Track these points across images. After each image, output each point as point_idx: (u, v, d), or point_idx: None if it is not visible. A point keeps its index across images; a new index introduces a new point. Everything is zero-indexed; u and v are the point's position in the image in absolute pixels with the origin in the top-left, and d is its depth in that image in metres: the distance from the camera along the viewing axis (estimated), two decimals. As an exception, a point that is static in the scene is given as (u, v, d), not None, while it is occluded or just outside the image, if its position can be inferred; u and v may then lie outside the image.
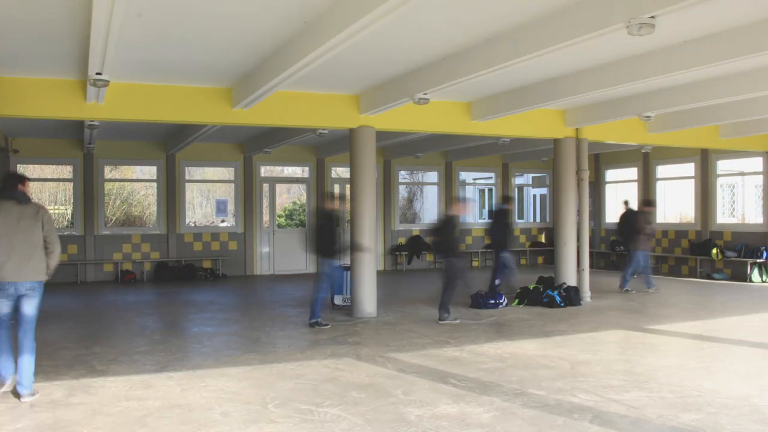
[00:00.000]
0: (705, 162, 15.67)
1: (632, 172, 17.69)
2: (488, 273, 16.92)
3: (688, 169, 16.21)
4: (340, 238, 9.21)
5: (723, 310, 10.51)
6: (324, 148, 16.68)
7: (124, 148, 15.60)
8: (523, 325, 9.17)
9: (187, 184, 16.76)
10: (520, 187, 20.87)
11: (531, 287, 11.30)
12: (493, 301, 10.64)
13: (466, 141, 14.29)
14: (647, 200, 14.03)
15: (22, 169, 14.11)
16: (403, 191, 23.13)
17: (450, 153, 18.12)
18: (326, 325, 8.96)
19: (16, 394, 5.61)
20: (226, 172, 17.50)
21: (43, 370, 6.55)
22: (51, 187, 20.73)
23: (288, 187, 23.98)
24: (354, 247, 9.64)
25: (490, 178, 20.01)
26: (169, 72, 8.46)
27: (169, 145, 15.36)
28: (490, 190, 20.49)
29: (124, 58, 7.43)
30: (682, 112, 11.32)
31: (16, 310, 5.70)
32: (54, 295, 12.22)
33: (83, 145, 14.47)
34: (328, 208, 9.25)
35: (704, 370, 6.56)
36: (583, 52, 7.41)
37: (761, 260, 14.21)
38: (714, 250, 14.93)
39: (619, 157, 17.71)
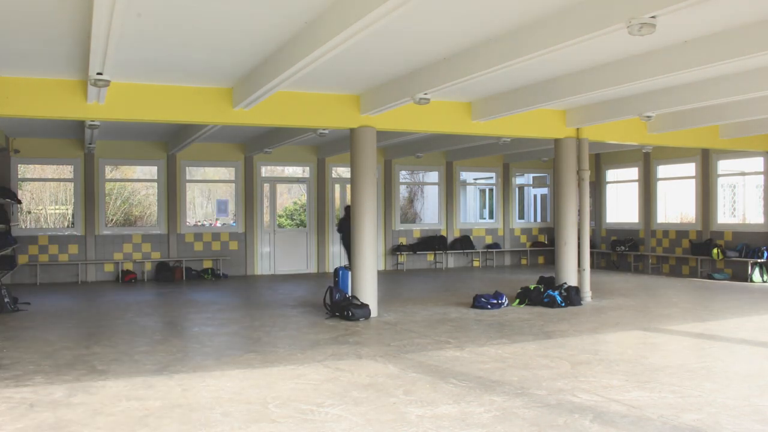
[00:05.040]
0: (706, 162, 15.67)
1: (633, 172, 17.70)
2: (488, 273, 16.91)
3: (689, 169, 16.21)
4: None
5: (724, 310, 10.50)
6: (325, 148, 16.68)
7: (125, 148, 15.61)
8: (524, 325, 9.17)
9: (187, 184, 16.76)
10: (521, 187, 20.88)
11: (531, 287, 11.30)
12: (495, 301, 10.64)
13: (466, 141, 14.29)
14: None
15: (22, 169, 14.11)
16: (403, 191, 23.15)
17: (450, 153, 18.12)
18: None
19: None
20: (227, 172, 17.51)
21: (43, 370, 6.57)
22: (52, 187, 20.77)
23: (288, 187, 23.99)
24: None
25: (491, 178, 20.01)
26: (170, 72, 8.46)
27: (170, 145, 15.37)
28: (491, 190, 20.50)
29: (124, 58, 7.44)
30: (683, 112, 11.31)
31: None
32: (55, 294, 12.25)
33: (84, 145, 14.48)
34: None
35: (705, 370, 6.56)
36: (584, 52, 7.41)
37: (762, 260, 14.20)
38: (715, 250, 14.93)
39: (620, 157, 17.71)
